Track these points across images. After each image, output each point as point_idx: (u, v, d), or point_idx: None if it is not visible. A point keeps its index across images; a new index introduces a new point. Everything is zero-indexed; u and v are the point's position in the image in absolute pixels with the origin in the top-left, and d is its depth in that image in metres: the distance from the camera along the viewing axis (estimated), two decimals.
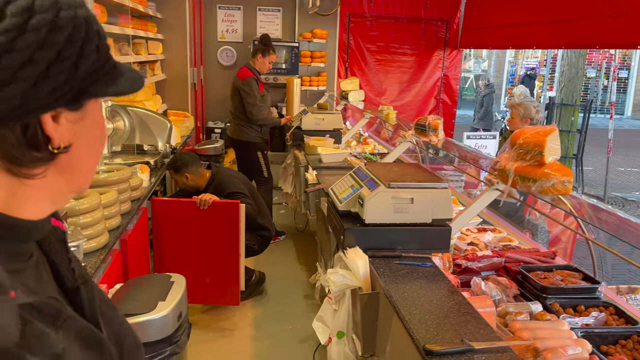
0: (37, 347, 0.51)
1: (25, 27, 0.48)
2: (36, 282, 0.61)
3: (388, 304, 1.70)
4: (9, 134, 0.51)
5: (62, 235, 0.70)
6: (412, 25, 7.30)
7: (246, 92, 4.52)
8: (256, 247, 3.59)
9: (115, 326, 0.70)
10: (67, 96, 0.53)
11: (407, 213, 2.03)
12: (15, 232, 0.56)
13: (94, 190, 2.19)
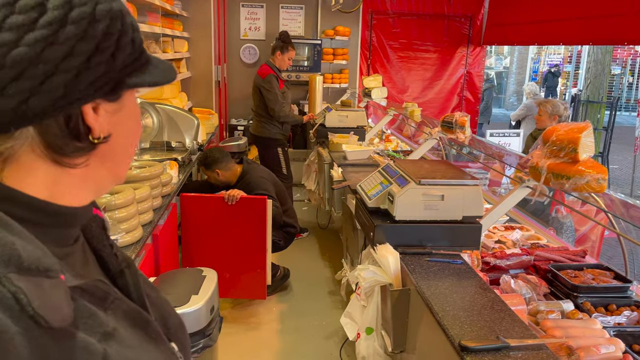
0: (90, 327, 0.53)
1: (66, 20, 0.50)
2: (83, 267, 0.64)
3: (419, 300, 1.71)
4: (53, 124, 0.53)
5: (102, 222, 0.72)
6: (435, 22, 7.25)
7: (267, 90, 4.56)
8: (282, 243, 3.64)
9: (159, 307, 0.72)
10: (106, 87, 0.55)
11: (438, 210, 2.03)
12: (61, 219, 0.58)
13: (128, 185, 2.24)
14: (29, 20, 0.48)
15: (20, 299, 0.45)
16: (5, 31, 0.47)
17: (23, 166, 0.54)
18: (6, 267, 0.46)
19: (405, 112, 4.38)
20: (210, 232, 3.14)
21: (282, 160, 4.80)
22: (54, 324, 0.47)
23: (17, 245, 0.47)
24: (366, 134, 4.72)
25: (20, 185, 0.54)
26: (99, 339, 0.53)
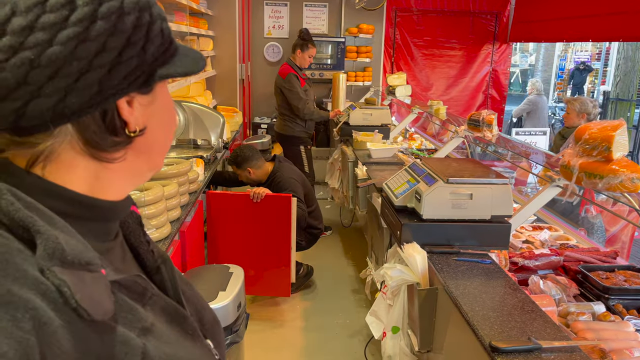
0: (129, 322, 0.54)
1: (95, 15, 0.50)
2: (122, 262, 0.65)
3: (447, 299, 1.70)
4: (90, 121, 0.53)
5: (138, 218, 0.73)
6: (460, 19, 7.17)
7: (288, 90, 4.58)
8: (304, 244, 3.64)
9: (195, 303, 0.73)
10: (139, 80, 0.55)
11: (466, 209, 2.01)
12: (101, 213, 0.59)
13: (156, 182, 2.27)
14: (61, 18, 0.48)
15: (64, 292, 0.46)
16: (39, 31, 0.47)
17: (64, 163, 0.55)
18: (50, 260, 0.47)
19: (430, 110, 4.34)
20: (236, 229, 3.16)
21: (305, 159, 4.81)
22: (96, 317, 0.48)
23: (60, 239, 0.48)
24: (390, 132, 4.70)
25: (62, 181, 0.55)
26: (138, 334, 0.54)
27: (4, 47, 0.47)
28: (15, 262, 0.46)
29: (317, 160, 5.55)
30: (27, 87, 0.48)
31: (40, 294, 0.45)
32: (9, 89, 0.47)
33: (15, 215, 0.48)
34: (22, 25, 0.47)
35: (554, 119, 9.36)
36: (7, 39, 0.47)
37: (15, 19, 0.47)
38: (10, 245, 0.47)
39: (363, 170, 3.42)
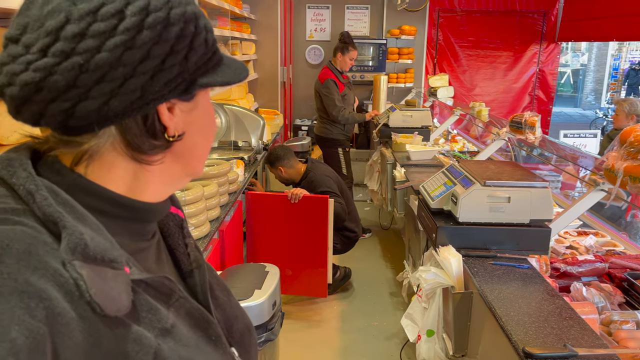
0: (148, 321, 0.56)
1: (142, 25, 0.53)
2: (156, 262, 0.67)
3: (482, 304, 1.67)
4: (132, 124, 0.57)
5: (180, 221, 0.75)
6: (505, 19, 7.00)
7: (325, 95, 4.61)
8: (339, 247, 3.63)
9: (226, 310, 0.74)
10: (180, 87, 0.58)
11: (504, 212, 1.97)
12: (137, 213, 0.62)
13: (197, 182, 2.34)
14: (110, 27, 0.52)
15: (80, 285, 0.49)
16: (89, 38, 0.51)
17: (105, 163, 0.58)
18: (72, 254, 0.49)
19: (472, 112, 4.27)
20: (274, 229, 3.21)
21: (343, 161, 4.84)
22: (109, 313, 0.50)
23: (85, 236, 0.51)
24: (431, 134, 4.65)
25: (103, 181, 0.58)
26: (156, 334, 0.56)
27: (56, 52, 0.50)
28: (38, 253, 0.48)
29: (357, 162, 5.55)
30: (76, 90, 0.51)
31: (57, 285, 0.48)
32: (60, 91, 0.51)
33: (46, 209, 0.51)
34: (75, 32, 0.51)
35: (606, 121, 8.99)
36: (60, 44, 0.50)
37: (68, 26, 0.51)
38: (38, 238, 0.50)
39: (401, 172, 3.40)
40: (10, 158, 0.55)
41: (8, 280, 0.45)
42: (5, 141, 1.35)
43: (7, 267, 0.45)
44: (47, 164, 0.57)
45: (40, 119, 0.53)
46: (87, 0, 0.52)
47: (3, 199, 0.53)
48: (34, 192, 0.52)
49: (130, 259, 0.58)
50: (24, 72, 0.51)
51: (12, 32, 0.53)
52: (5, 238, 0.48)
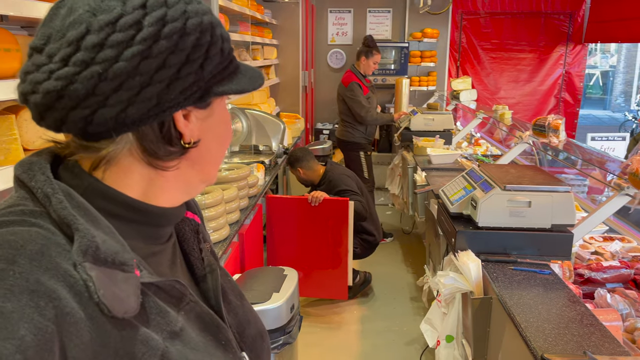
0: (157, 324, 0.57)
1: (159, 35, 0.55)
2: (170, 266, 0.68)
3: (502, 309, 1.65)
4: (149, 130, 0.58)
5: (196, 226, 0.76)
6: (530, 20, 6.90)
7: (350, 98, 4.59)
8: (358, 251, 3.62)
9: (239, 315, 0.75)
10: (195, 95, 0.59)
11: (524, 217, 1.94)
12: (151, 218, 0.63)
13: (216, 186, 2.36)
14: (128, 37, 0.53)
15: (89, 286, 0.50)
16: (108, 48, 0.53)
17: (122, 168, 0.60)
18: (83, 256, 0.51)
19: (495, 115, 4.22)
20: (294, 232, 3.23)
21: (364, 165, 4.81)
22: (117, 314, 0.51)
23: (97, 239, 0.53)
24: (453, 138, 4.61)
25: (119, 185, 0.60)
26: (164, 337, 0.57)
27: (77, 62, 0.52)
28: (50, 254, 0.50)
29: (378, 165, 5.53)
30: (94, 98, 0.53)
31: (67, 286, 0.49)
32: (79, 99, 0.53)
33: (61, 212, 0.53)
34: (94, 43, 0.53)
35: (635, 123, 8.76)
36: (81, 54, 0.53)
37: (89, 37, 0.53)
38: (51, 239, 0.52)
39: (422, 176, 3.38)
40: (31, 162, 0.58)
41: (20, 280, 0.47)
42: (30, 146, 1.39)
43: (19, 267, 0.47)
44: (67, 168, 0.60)
45: (62, 126, 0.55)
46: (107, 12, 0.53)
47: (22, 201, 0.55)
48: (50, 195, 0.54)
49: (142, 262, 0.59)
50: (47, 80, 0.53)
51: (36, 42, 0.55)
52: (21, 239, 0.50)
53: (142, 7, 0.55)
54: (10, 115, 1.29)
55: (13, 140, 1.28)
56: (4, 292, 0.45)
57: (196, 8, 0.59)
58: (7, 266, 0.47)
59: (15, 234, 0.50)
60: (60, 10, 0.55)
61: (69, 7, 0.55)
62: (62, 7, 0.55)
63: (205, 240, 0.77)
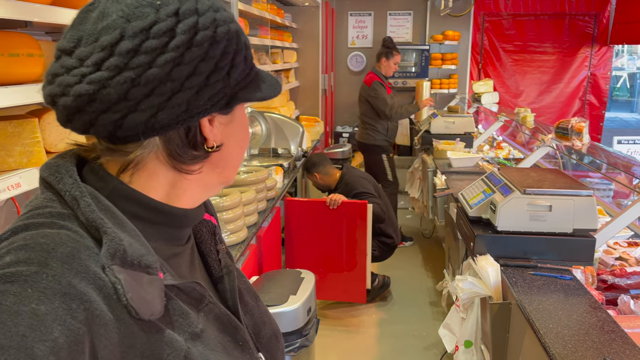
0: (179, 325, 0.58)
1: (191, 42, 0.55)
2: (189, 268, 0.69)
3: (521, 315, 1.62)
4: (175, 135, 0.59)
5: (213, 227, 0.77)
6: (554, 22, 6.79)
7: (374, 97, 4.57)
8: (377, 253, 3.61)
9: (255, 316, 0.76)
10: (221, 102, 0.60)
11: (545, 221, 1.91)
12: (174, 219, 0.64)
13: (235, 189, 2.38)
14: (161, 44, 0.54)
15: (118, 289, 0.51)
16: (142, 54, 0.53)
17: (147, 171, 0.61)
18: (112, 259, 0.52)
19: (517, 118, 4.16)
20: (312, 235, 3.23)
21: (387, 167, 4.77)
22: (144, 316, 0.52)
23: (124, 242, 0.54)
24: (474, 141, 4.55)
25: (143, 188, 0.61)
26: (186, 338, 0.58)
27: (111, 66, 0.53)
28: (80, 257, 0.51)
29: (398, 169, 5.49)
30: (126, 103, 0.54)
31: (97, 288, 0.50)
32: (111, 103, 0.54)
33: (89, 215, 0.54)
34: (129, 48, 0.53)
35: None
36: (115, 59, 0.53)
37: (123, 42, 0.53)
38: (80, 242, 0.53)
39: (442, 179, 3.35)
40: (58, 164, 0.59)
41: (53, 283, 0.48)
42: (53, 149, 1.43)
43: (51, 270, 0.48)
44: (92, 170, 0.61)
45: (90, 128, 0.56)
46: (140, 18, 0.54)
47: (50, 203, 0.56)
48: (78, 198, 0.55)
49: (164, 265, 0.61)
50: (78, 83, 0.53)
51: (65, 45, 0.56)
52: (52, 242, 0.51)
53: (175, 14, 0.55)
54: (34, 118, 1.32)
55: (36, 143, 1.31)
56: (38, 295, 0.46)
57: (224, 16, 0.60)
58: (40, 269, 0.48)
59: (46, 236, 0.51)
60: (91, 13, 0.56)
61: (100, 11, 0.55)
62: (93, 10, 0.56)
63: (221, 241, 0.78)
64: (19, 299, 0.45)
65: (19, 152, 1.28)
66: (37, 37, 1.38)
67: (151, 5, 0.55)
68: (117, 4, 0.55)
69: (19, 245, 0.50)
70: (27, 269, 0.48)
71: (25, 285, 0.47)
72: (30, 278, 0.47)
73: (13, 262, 0.49)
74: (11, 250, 0.50)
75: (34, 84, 1.26)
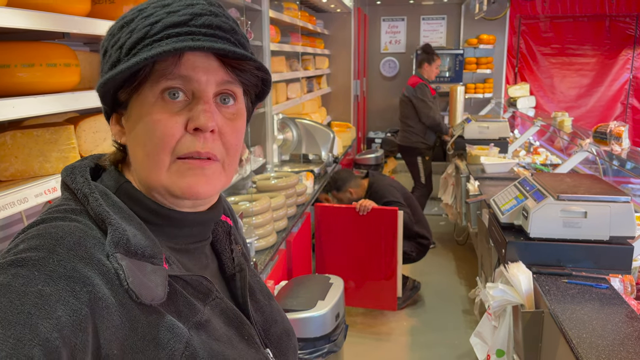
0: (184, 315, 0.61)
1: None
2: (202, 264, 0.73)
3: (553, 324, 1.57)
4: None
5: (228, 228, 0.81)
6: (594, 24, 6.60)
7: (419, 99, 4.72)
8: (414, 255, 3.60)
9: (265, 313, 0.78)
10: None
11: (580, 228, 1.85)
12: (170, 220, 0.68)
13: (265, 194, 2.41)
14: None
15: (119, 275, 0.55)
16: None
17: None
18: (115, 247, 0.56)
19: (554, 123, 4.05)
20: (342, 241, 3.23)
21: (422, 170, 4.91)
22: (144, 300, 0.56)
23: (128, 233, 0.58)
24: (510, 146, 4.46)
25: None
26: (190, 326, 0.61)
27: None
28: (86, 245, 0.56)
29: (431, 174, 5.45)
30: None
31: (100, 274, 0.54)
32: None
33: (97, 209, 0.59)
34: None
35: None
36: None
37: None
38: (88, 233, 0.57)
39: (475, 185, 3.29)
40: (74, 167, 0.66)
41: (58, 267, 0.52)
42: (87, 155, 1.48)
43: (58, 256, 0.53)
44: (108, 172, 0.68)
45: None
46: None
47: (66, 202, 0.62)
48: (88, 195, 0.61)
49: (171, 258, 0.64)
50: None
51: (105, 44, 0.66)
52: (61, 231, 0.56)
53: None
54: (70, 125, 1.37)
55: (71, 149, 1.36)
56: (44, 278, 0.50)
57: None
58: (48, 255, 0.52)
59: (57, 227, 0.56)
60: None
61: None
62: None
63: (236, 242, 0.81)
64: (27, 281, 0.49)
65: (56, 158, 1.33)
66: (74, 48, 1.44)
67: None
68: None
69: (32, 234, 0.55)
70: (36, 254, 0.52)
71: (33, 268, 0.51)
72: (38, 262, 0.51)
73: (25, 249, 0.53)
74: (25, 239, 0.55)
75: (71, 92, 1.32)
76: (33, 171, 1.27)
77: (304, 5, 4.61)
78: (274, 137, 3.25)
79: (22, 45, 1.21)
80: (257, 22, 2.99)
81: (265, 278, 2.16)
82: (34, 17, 1.09)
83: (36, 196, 1.14)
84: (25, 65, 1.19)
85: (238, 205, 2.21)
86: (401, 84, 6.80)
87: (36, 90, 1.21)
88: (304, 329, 2.00)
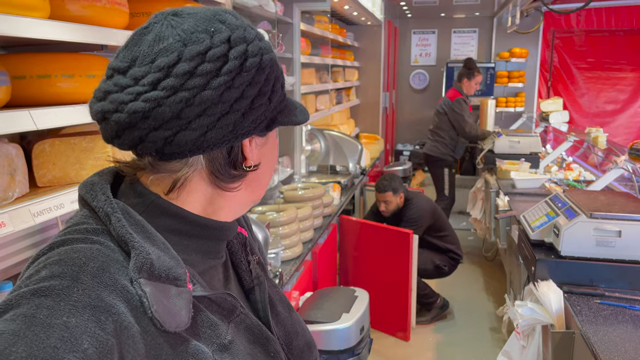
0: (208, 337, 0.60)
1: (242, 68, 0.59)
2: (223, 280, 0.72)
3: (584, 345, 1.53)
4: (219, 154, 0.63)
5: (244, 239, 0.79)
6: (631, 38, 6.44)
7: (457, 112, 4.70)
8: (447, 269, 3.58)
9: (287, 326, 0.77)
10: (262, 124, 0.64)
11: (613, 247, 1.80)
12: (211, 232, 0.67)
13: (291, 205, 2.42)
14: (215, 68, 0.58)
15: (144, 302, 0.54)
16: (197, 76, 0.57)
17: (189, 188, 0.64)
18: (139, 272, 0.55)
19: (588, 138, 3.96)
20: (363, 257, 3.20)
21: (446, 182, 4.88)
22: (169, 329, 0.55)
23: (151, 255, 0.56)
24: (541, 162, 4.37)
25: (182, 202, 0.65)
26: (214, 349, 0.60)
27: (167, 86, 0.57)
28: (110, 271, 0.54)
29: (460, 188, 5.39)
30: (178, 121, 0.58)
31: (125, 301, 0.53)
32: (164, 121, 0.57)
33: (119, 230, 0.57)
34: (185, 70, 0.57)
35: None
36: (171, 80, 0.57)
37: (180, 65, 0.57)
38: (111, 257, 0.56)
39: (504, 200, 3.24)
40: (93, 182, 0.63)
41: (83, 296, 0.51)
42: None
43: (82, 284, 0.52)
44: (130, 186, 0.65)
45: (139, 144, 0.59)
46: (197, 43, 0.58)
47: (86, 220, 0.60)
48: (110, 214, 0.58)
49: (196, 276, 0.63)
50: (133, 101, 0.57)
51: (118, 64, 0.60)
52: (84, 256, 0.54)
53: (227, 41, 0.59)
54: None
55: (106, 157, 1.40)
56: (69, 308, 0.49)
57: (267, 45, 0.64)
58: (72, 283, 0.51)
59: (79, 251, 0.55)
60: (146, 36, 0.60)
61: (156, 35, 0.59)
62: (147, 33, 0.60)
63: (253, 252, 0.79)
64: (52, 312, 0.48)
65: (91, 166, 1.38)
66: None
67: (206, 31, 0.59)
68: (172, 29, 0.59)
69: (54, 260, 0.54)
70: (59, 283, 0.51)
71: (57, 299, 0.49)
72: (62, 292, 0.50)
73: (48, 276, 0.52)
74: (47, 264, 0.54)
75: None
76: (69, 178, 1.31)
77: (334, 18, 4.64)
78: (302, 148, 3.27)
79: (62, 56, 1.26)
80: (289, 35, 3.03)
81: (291, 289, 2.16)
82: (75, 30, 1.14)
83: (72, 202, 1.18)
84: (65, 75, 1.23)
85: (265, 215, 2.22)
86: (431, 96, 6.77)
87: (75, 100, 1.25)
88: (328, 342, 1.99)
